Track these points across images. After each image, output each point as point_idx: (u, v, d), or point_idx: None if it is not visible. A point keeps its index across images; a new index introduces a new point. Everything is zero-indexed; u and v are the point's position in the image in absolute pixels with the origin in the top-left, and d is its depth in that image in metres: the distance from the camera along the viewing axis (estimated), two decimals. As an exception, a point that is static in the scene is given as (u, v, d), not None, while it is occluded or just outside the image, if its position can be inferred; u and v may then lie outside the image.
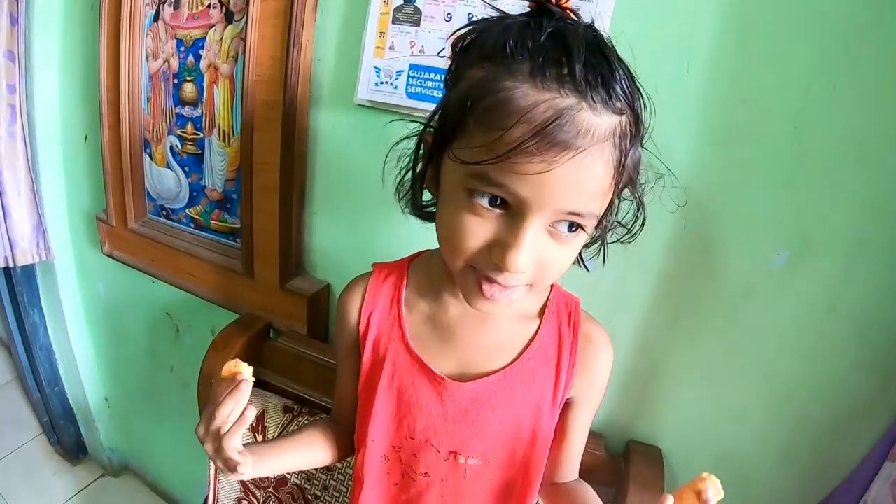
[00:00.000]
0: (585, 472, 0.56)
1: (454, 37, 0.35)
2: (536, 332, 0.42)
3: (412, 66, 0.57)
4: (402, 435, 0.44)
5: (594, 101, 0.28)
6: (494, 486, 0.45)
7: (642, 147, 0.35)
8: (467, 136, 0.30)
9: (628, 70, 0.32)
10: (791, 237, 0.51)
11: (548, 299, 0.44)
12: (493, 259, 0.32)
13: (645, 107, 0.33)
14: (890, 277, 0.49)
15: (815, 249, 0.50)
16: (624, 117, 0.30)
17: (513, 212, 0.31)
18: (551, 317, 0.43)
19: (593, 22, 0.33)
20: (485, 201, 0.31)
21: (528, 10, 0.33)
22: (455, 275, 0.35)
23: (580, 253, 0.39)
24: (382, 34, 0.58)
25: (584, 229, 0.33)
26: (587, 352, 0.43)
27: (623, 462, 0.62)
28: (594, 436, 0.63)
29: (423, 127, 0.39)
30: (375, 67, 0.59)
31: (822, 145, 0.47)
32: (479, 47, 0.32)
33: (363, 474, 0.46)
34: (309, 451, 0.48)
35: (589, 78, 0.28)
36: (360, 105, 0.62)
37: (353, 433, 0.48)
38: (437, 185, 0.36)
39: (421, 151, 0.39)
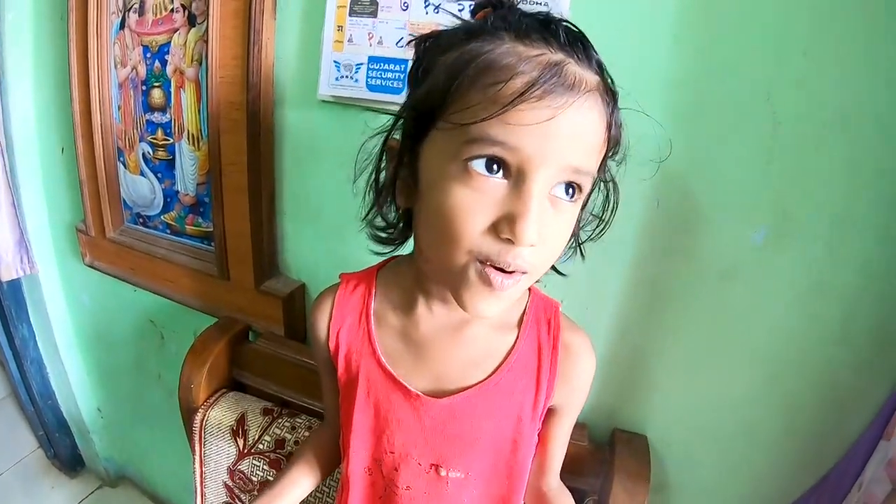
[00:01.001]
0: (570, 464, 0.55)
1: (416, 39, 0.35)
2: (514, 343, 0.41)
3: (371, 59, 0.57)
4: (382, 449, 0.43)
5: (579, 58, 0.30)
6: (478, 498, 0.44)
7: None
8: (461, 100, 0.29)
9: None
10: (769, 213, 0.49)
11: (526, 306, 0.42)
12: (500, 235, 0.30)
13: (610, 77, 0.34)
14: (874, 252, 0.47)
15: (796, 225, 0.49)
16: (600, 79, 0.31)
17: (515, 178, 0.29)
18: (530, 326, 0.41)
19: (549, 12, 0.33)
20: (484, 168, 0.29)
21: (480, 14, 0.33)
22: (451, 276, 0.32)
23: None
24: (340, 28, 0.57)
25: (580, 191, 0.32)
26: (567, 361, 0.41)
27: (608, 452, 0.61)
28: (578, 426, 0.61)
29: (386, 133, 0.37)
30: (335, 62, 0.58)
31: (798, 116, 0.46)
32: (452, 35, 0.32)
33: (349, 483, 0.45)
34: (303, 485, 0.51)
35: (570, 40, 0.30)
36: (322, 101, 0.62)
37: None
38: (414, 182, 0.34)
39: (383, 161, 0.38)
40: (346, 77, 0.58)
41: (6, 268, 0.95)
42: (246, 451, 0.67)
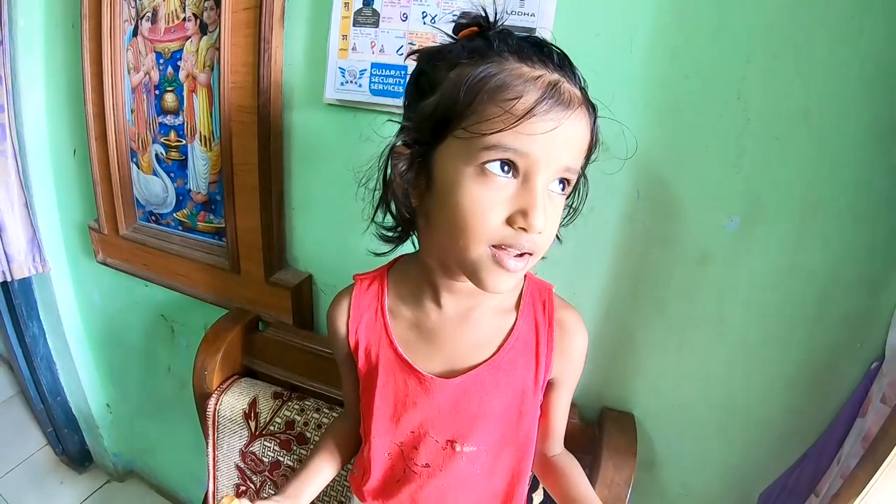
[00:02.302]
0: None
1: (417, 54, 0.40)
2: (514, 324, 0.45)
3: (374, 65, 0.61)
4: (403, 431, 0.46)
5: (570, 78, 0.36)
6: (490, 469, 0.47)
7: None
8: (479, 113, 0.34)
9: None
10: (742, 202, 0.53)
11: (522, 291, 0.46)
12: (515, 226, 0.35)
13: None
14: (845, 235, 0.50)
15: (767, 213, 0.52)
16: (584, 93, 0.37)
17: (523, 177, 0.35)
18: (527, 308, 0.46)
19: (537, 33, 0.38)
20: (499, 169, 0.34)
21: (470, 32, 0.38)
22: (469, 262, 0.37)
23: None
24: (345, 37, 0.62)
25: (569, 185, 0.38)
26: (562, 337, 0.46)
27: (597, 429, 0.65)
28: (568, 405, 0.66)
29: (394, 139, 0.40)
30: (340, 68, 0.63)
31: (766, 112, 0.50)
32: (457, 53, 0.36)
33: (370, 468, 0.49)
34: (326, 473, 0.54)
35: (561, 62, 0.36)
36: (328, 104, 0.66)
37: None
38: (427, 183, 0.38)
39: (389, 167, 0.40)
40: (351, 82, 0.62)
41: (18, 267, 0.98)
42: (258, 433, 0.71)
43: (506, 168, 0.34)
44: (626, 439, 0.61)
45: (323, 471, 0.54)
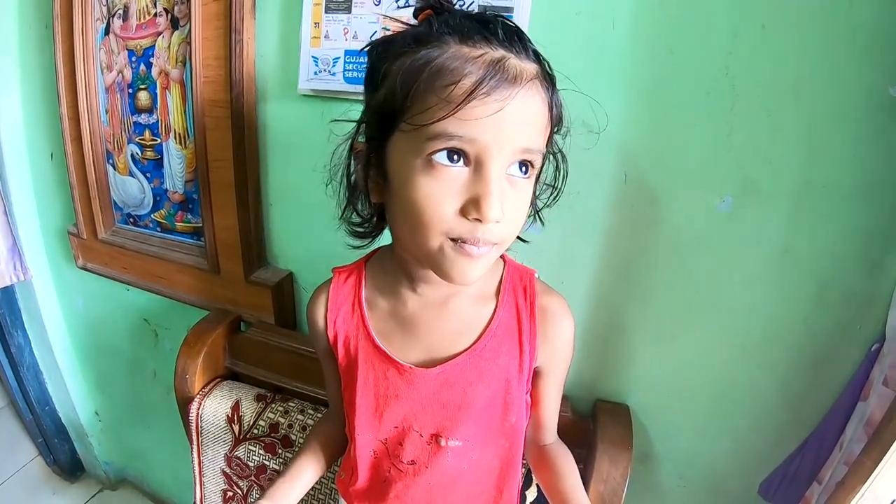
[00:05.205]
0: (554, 435, 0.57)
1: (368, 45, 0.38)
2: (494, 311, 0.44)
3: (347, 52, 0.59)
4: (386, 426, 0.45)
5: (518, 52, 0.34)
6: (478, 464, 0.46)
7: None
8: (419, 104, 0.32)
9: None
10: (734, 182, 0.51)
11: (502, 277, 0.45)
12: (468, 217, 0.33)
13: (547, 63, 0.37)
14: (842, 214, 0.49)
15: (760, 192, 0.51)
16: (538, 66, 0.35)
17: (475, 165, 0.33)
18: (507, 294, 0.44)
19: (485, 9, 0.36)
20: (446, 159, 0.32)
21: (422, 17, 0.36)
22: (430, 256, 0.36)
23: None
24: (317, 24, 0.60)
25: (533, 167, 0.36)
26: (546, 323, 0.44)
27: (591, 422, 0.63)
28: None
29: (351, 137, 0.39)
30: (313, 57, 0.61)
31: (756, 88, 0.48)
32: (402, 41, 0.34)
33: (357, 469, 0.48)
34: (312, 473, 0.53)
35: (507, 36, 0.34)
36: (303, 95, 0.64)
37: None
38: (384, 179, 0.37)
39: (351, 165, 0.40)
40: (324, 71, 0.61)
41: (-1, 275, 0.96)
42: (241, 437, 0.69)
43: (454, 157, 0.33)
44: (621, 432, 0.60)
45: (306, 472, 0.52)
